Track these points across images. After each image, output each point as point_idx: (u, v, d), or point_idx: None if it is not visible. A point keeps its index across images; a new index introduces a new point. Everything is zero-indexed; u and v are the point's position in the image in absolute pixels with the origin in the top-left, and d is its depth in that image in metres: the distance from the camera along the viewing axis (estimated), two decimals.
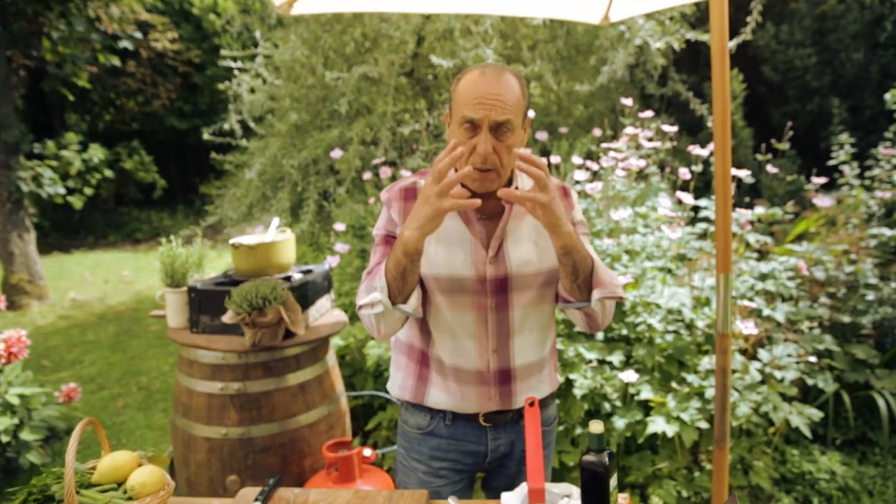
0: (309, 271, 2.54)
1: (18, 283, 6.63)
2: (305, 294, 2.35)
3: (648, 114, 3.18)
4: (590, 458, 1.19)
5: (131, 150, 11.72)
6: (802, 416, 2.53)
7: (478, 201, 1.16)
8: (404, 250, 1.20)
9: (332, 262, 3.27)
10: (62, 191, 7.16)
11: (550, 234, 1.23)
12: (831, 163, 4.46)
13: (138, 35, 8.86)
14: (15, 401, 2.84)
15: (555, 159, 3.32)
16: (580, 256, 1.26)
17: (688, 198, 2.68)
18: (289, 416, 2.25)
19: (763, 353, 2.69)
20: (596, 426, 1.20)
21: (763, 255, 3.63)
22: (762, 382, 2.70)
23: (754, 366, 2.64)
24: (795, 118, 5.77)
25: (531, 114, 1.44)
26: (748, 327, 2.40)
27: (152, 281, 7.91)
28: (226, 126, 5.06)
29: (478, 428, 1.45)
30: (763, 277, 3.22)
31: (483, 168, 1.28)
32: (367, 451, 2.20)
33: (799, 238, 3.98)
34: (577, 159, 3.10)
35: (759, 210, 3.19)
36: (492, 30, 4.07)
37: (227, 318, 2.12)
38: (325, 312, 2.56)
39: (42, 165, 7.02)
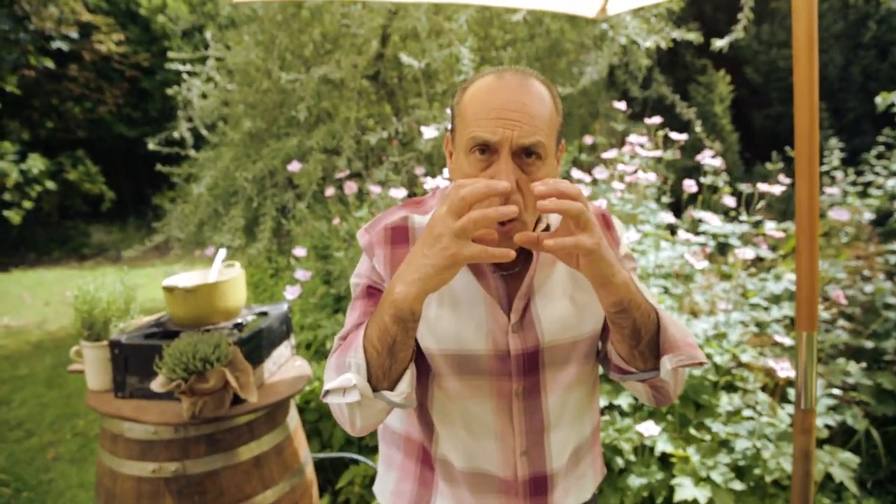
0: (263, 314, 2.10)
1: None
2: (259, 346, 1.92)
3: (657, 119, 2.82)
4: None
5: (76, 160, 10.99)
6: (844, 468, 2.20)
7: (512, 252, 0.78)
8: (395, 313, 0.81)
9: (292, 293, 2.84)
10: None
11: (599, 290, 0.84)
12: (823, 168, 4.22)
13: (74, 35, 8.22)
14: None
15: None
16: (641, 313, 0.88)
17: (715, 219, 2.32)
18: (241, 500, 1.81)
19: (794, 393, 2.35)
20: None
21: (766, 270, 3.33)
22: (791, 425, 2.36)
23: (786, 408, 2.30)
24: (779, 122, 5.54)
25: None
26: (784, 368, 2.06)
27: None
28: (175, 134, 4.57)
29: None
30: (776, 299, 2.90)
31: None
32: None
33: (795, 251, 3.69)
34: (576, 173, 2.72)
35: (771, 224, 2.88)
36: (466, 26, 3.68)
37: (157, 385, 1.67)
38: (283, 363, 2.12)
39: None
